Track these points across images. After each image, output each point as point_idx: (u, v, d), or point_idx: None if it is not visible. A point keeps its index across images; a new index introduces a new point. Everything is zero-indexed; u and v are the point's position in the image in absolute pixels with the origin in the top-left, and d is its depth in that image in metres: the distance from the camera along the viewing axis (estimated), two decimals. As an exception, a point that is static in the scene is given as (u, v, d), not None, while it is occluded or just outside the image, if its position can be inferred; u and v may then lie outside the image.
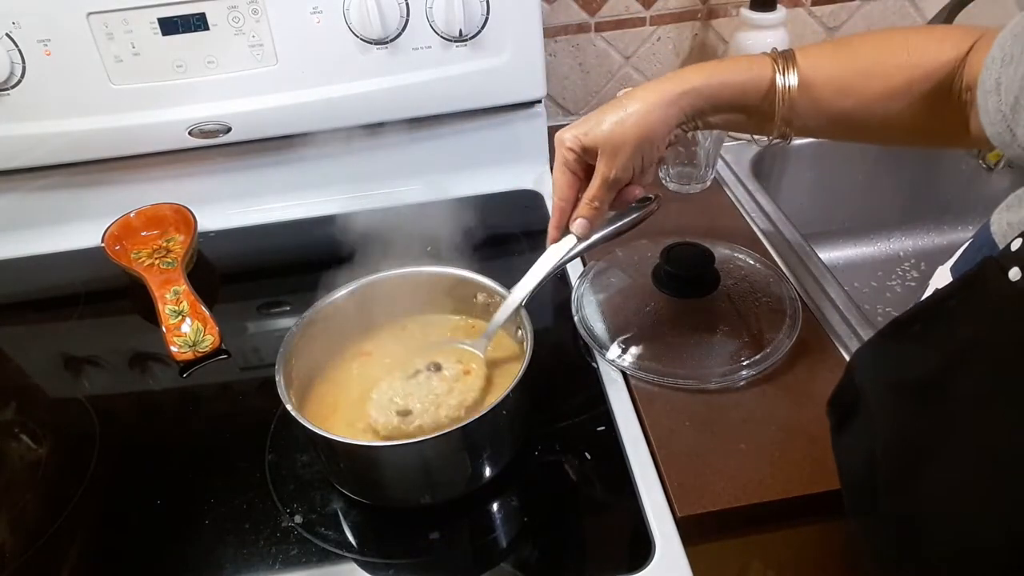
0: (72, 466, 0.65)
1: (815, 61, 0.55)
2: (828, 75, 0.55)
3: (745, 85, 0.56)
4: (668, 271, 0.71)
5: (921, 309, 0.41)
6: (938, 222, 1.11)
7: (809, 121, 0.57)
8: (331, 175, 0.95)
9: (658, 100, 0.57)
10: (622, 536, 0.56)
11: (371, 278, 0.67)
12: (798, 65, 0.55)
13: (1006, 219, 0.42)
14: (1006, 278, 0.34)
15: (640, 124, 0.57)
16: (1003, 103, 0.40)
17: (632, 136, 0.57)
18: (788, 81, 0.54)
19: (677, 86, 0.57)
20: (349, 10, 0.82)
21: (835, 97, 0.55)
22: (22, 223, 0.93)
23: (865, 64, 0.54)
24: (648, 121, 0.57)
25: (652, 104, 0.57)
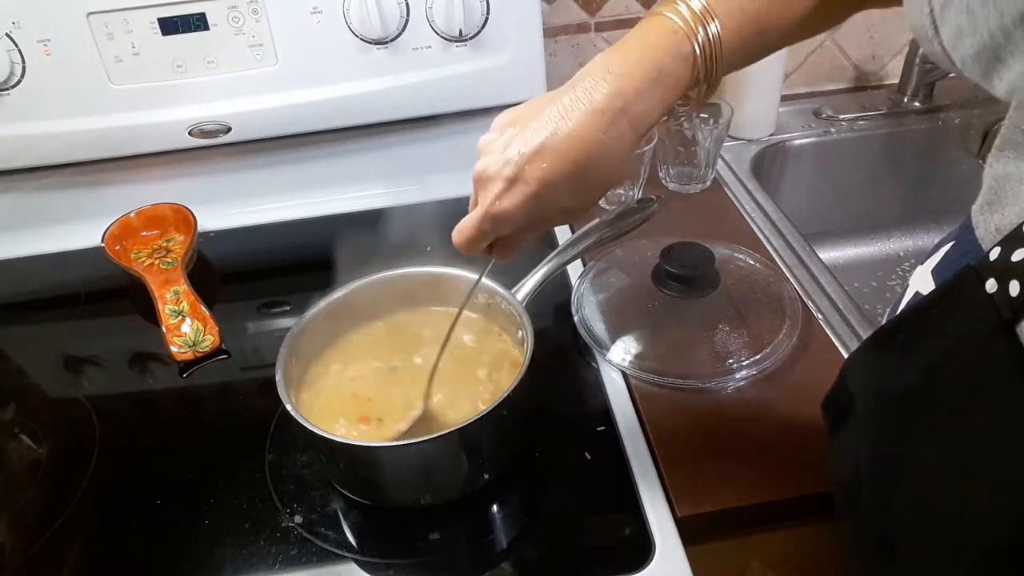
0: (72, 466, 0.65)
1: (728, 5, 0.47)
2: (746, 16, 0.47)
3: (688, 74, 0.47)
4: (668, 271, 0.71)
5: (904, 319, 0.41)
6: (938, 222, 1.11)
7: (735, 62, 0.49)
8: (331, 175, 0.95)
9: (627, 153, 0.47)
10: (622, 536, 0.56)
11: (371, 278, 0.67)
12: (716, 15, 0.46)
13: (993, 223, 0.40)
14: (983, 289, 0.33)
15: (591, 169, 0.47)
16: None
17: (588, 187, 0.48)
18: (711, 32, 0.46)
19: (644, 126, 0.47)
20: (349, 10, 0.82)
21: (759, 36, 0.48)
22: (22, 223, 0.93)
23: None
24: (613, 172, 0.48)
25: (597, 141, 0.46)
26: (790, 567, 0.68)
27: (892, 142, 1.06)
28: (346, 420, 0.61)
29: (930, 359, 0.37)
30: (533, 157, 0.46)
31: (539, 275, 0.66)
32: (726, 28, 0.46)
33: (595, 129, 0.45)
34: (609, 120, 0.45)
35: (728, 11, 0.47)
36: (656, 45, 0.46)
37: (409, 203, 0.94)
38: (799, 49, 1.10)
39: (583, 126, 0.45)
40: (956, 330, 0.36)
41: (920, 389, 0.38)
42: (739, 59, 0.49)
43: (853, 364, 0.45)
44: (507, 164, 0.47)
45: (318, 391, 0.64)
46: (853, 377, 0.45)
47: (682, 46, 0.46)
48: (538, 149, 0.46)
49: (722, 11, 0.46)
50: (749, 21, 0.47)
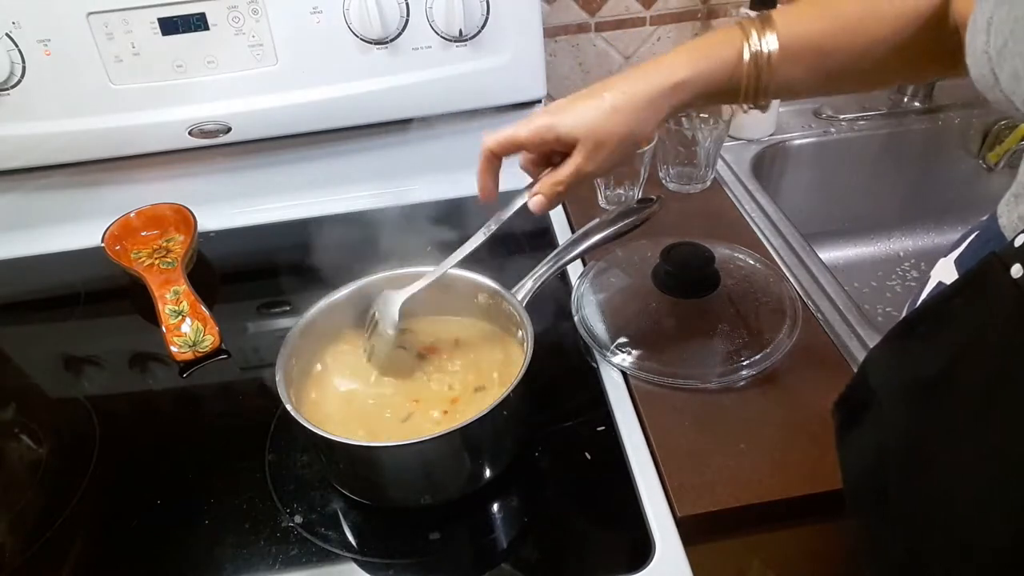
0: (72, 466, 0.65)
1: (795, 21, 0.52)
2: (810, 35, 0.52)
3: (729, 64, 0.53)
4: (668, 271, 0.71)
5: (927, 308, 0.41)
6: (938, 222, 1.11)
7: (794, 83, 0.54)
8: (331, 175, 0.95)
9: (645, 95, 0.54)
10: (622, 536, 0.56)
11: (371, 278, 0.67)
12: (776, 28, 0.52)
13: (1016, 212, 0.41)
14: (1008, 275, 0.34)
15: (627, 120, 0.54)
16: (990, 45, 0.38)
17: (618, 132, 0.54)
18: (768, 47, 0.51)
19: (665, 79, 0.53)
20: (349, 10, 0.82)
21: (820, 57, 0.52)
22: (22, 223, 0.93)
23: (848, 19, 0.51)
24: (635, 117, 0.54)
25: (639, 99, 0.54)
26: (790, 567, 0.68)
27: (892, 142, 1.06)
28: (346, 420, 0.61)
29: (956, 346, 0.38)
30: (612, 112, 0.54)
31: (539, 275, 0.66)
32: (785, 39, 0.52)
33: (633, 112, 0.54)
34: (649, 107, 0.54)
35: (788, 24, 0.52)
36: (712, 33, 0.54)
37: (409, 203, 0.94)
38: (799, 49, 1.10)
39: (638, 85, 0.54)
40: (981, 316, 0.36)
41: (946, 377, 0.38)
42: (801, 75, 0.53)
43: (874, 358, 0.45)
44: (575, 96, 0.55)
45: (318, 391, 0.64)
46: (874, 371, 0.45)
47: (735, 39, 0.52)
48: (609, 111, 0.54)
49: (782, 23, 0.52)
50: (810, 39, 0.52)
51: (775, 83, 0.53)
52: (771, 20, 0.52)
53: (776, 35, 0.51)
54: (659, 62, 0.54)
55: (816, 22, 0.52)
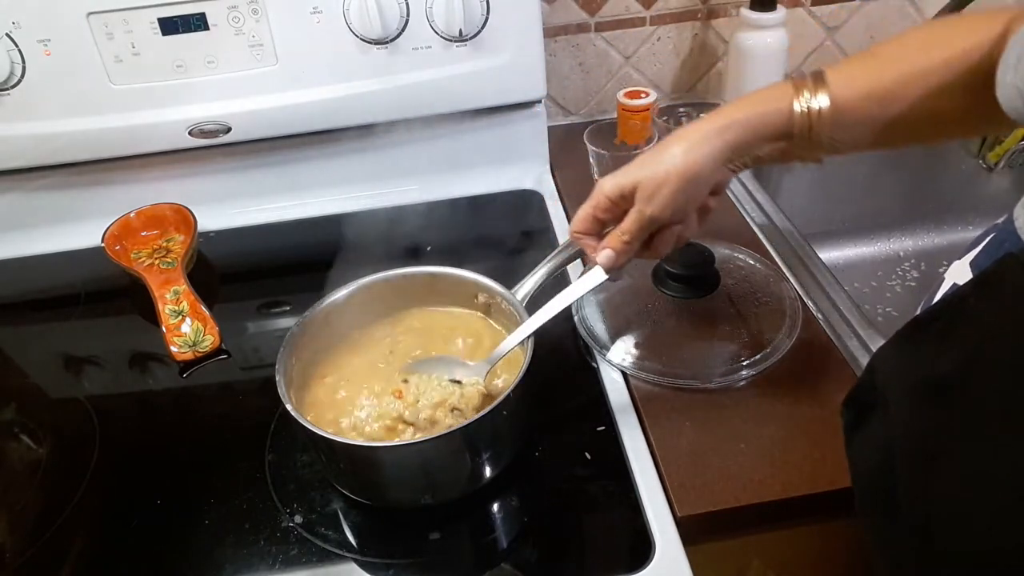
0: (72, 466, 0.65)
1: (846, 77, 0.52)
2: (862, 89, 0.52)
3: (783, 112, 0.53)
4: (668, 271, 0.71)
5: (941, 307, 0.41)
6: (938, 222, 1.11)
7: (853, 138, 0.54)
8: (331, 175, 0.95)
9: (701, 136, 0.54)
10: (622, 536, 0.56)
11: (371, 278, 0.67)
12: (828, 85, 0.52)
13: None
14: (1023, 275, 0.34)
15: (683, 161, 0.54)
16: (1019, 78, 0.39)
17: (674, 173, 0.54)
18: (819, 103, 0.52)
19: (719, 120, 0.54)
20: (349, 10, 0.82)
21: (875, 110, 0.52)
22: (22, 223, 0.93)
23: (899, 70, 0.51)
24: (691, 158, 0.54)
25: (695, 140, 0.54)
26: (790, 567, 0.68)
27: (892, 142, 1.06)
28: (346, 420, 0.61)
29: (971, 345, 0.38)
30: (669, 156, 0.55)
31: (539, 275, 0.66)
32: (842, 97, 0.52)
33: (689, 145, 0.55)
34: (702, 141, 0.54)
35: (840, 80, 0.52)
36: (768, 88, 0.55)
37: (409, 203, 0.94)
38: (799, 49, 1.10)
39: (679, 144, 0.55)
40: (998, 316, 0.37)
41: (960, 376, 0.38)
42: (854, 130, 0.53)
43: (882, 357, 0.46)
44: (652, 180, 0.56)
45: (318, 391, 0.64)
46: (882, 370, 0.45)
47: (787, 94, 0.53)
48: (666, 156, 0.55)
49: (835, 79, 0.52)
50: (861, 93, 0.52)
51: (827, 138, 0.53)
52: (823, 77, 0.52)
53: (828, 93, 0.52)
54: (721, 108, 0.55)
55: (865, 72, 0.52)
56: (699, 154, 0.54)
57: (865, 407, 0.45)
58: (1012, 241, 0.42)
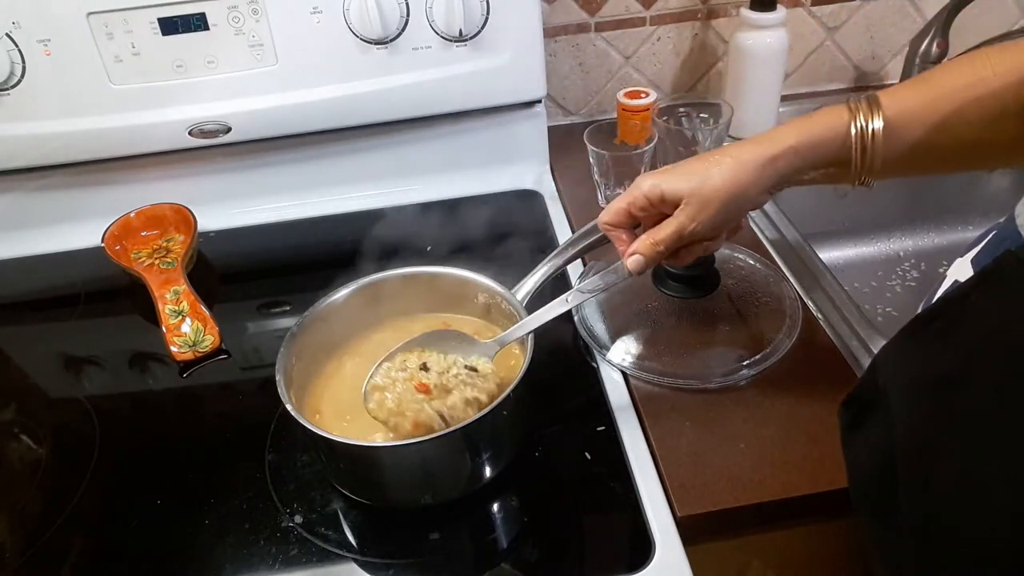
0: (72, 466, 0.65)
1: (900, 101, 0.52)
2: (917, 113, 0.51)
3: (838, 136, 0.52)
4: (668, 271, 0.71)
5: (942, 305, 0.41)
6: (938, 222, 1.11)
7: (907, 162, 0.53)
8: (331, 175, 0.95)
9: (752, 159, 0.53)
10: (622, 536, 0.56)
11: (371, 278, 0.67)
12: (882, 108, 0.52)
13: None
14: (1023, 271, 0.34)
15: (733, 181, 0.53)
16: None
17: (723, 192, 0.54)
18: (873, 124, 0.51)
19: (773, 147, 0.53)
20: (349, 10, 0.82)
21: (930, 134, 0.51)
22: (22, 223, 0.93)
23: (952, 95, 0.51)
24: (741, 180, 0.53)
25: (746, 163, 0.53)
26: (790, 567, 0.68)
27: (892, 142, 1.06)
28: (346, 420, 0.61)
29: (972, 343, 0.38)
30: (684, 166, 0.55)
31: (539, 275, 0.66)
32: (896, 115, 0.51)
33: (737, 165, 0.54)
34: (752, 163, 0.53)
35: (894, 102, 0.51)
36: (816, 120, 0.53)
37: (409, 203, 0.94)
38: (799, 49, 1.10)
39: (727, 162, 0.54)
40: (997, 312, 0.37)
41: (961, 372, 0.38)
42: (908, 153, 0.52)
43: (884, 355, 0.46)
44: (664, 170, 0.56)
45: (318, 390, 0.64)
46: (884, 369, 0.45)
47: (841, 115, 0.52)
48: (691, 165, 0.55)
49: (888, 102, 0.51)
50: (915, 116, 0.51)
51: (881, 161, 0.52)
52: (877, 100, 0.52)
53: (882, 116, 0.51)
54: (769, 132, 0.54)
55: (921, 100, 0.52)
56: (749, 180, 0.53)
57: (866, 406, 0.45)
58: (1013, 239, 0.43)
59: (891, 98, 0.52)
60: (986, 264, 0.38)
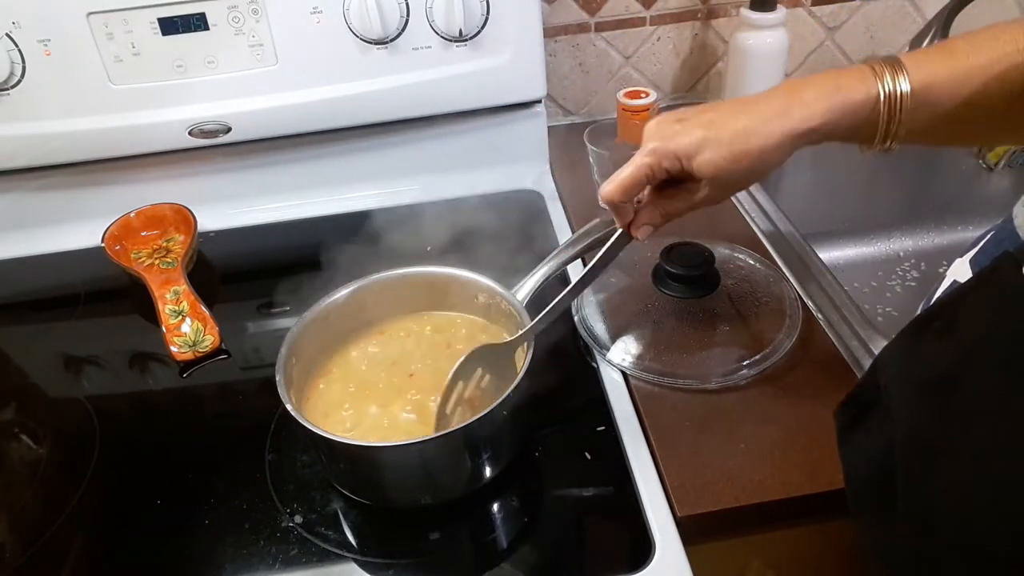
0: (72, 466, 0.65)
1: (924, 65, 0.50)
2: (941, 74, 0.50)
3: (864, 105, 0.51)
4: (668, 271, 0.71)
5: (941, 306, 0.41)
6: (938, 222, 1.11)
7: (931, 127, 0.52)
8: (331, 175, 0.95)
9: (780, 139, 0.51)
10: (622, 536, 0.56)
11: (371, 278, 0.67)
12: (907, 71, 0.50)
13: None
14: (1021, 273, 0.34)
15: (759, 163, 0.51)
16: None
17: (748, 175, 0.52)
18: (900, 87, 0.49)
19: (802, 123, 0.51)
20: (349, 10, 0.82)
21: (949, 100, 0.50)
22: (22, 223, 0.93)
23: (976, 62, 0.49)
24: (766, 160, 0.51)
25: (775, 143, 0.51)
26: (790, 567, 0.68)
27: (892, 142, 1.06)
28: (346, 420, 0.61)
29: (968, 343, 0.38)
30: (701, 119, 0.52)
31: (539, 275, 0.66)
32: (922, 80, 0.49)
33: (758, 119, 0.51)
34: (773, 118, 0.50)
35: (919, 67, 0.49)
36: (843, 81, 0.51)
37: (409, 203, 0.94)
38: (799, 48, 1.10)
39: (747, 116, 0.51)
40: (995, 313, 0.37)
41: (959, 372, 0.38)
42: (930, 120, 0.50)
43: (885, 356, 0.45)
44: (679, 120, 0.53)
45: (318, 390, 0.64)
46: (885, 369, 0.45)
47: (870, 90, 0.49)
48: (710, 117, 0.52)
49: (919, 64, 0.50)
50: (940, 84, 0.49)
51: (905, 127, 0.51)
52: (900, 62, 0.51)
53: (907, 77, 0.50)
54: (796, 95, 0.51)
55: (942, 62, 0.50)
56: (773, 157, 0.51)
57: (866, 406, 0.45)
58: (1011, 240, 0.43)
59: (915, 64, 0.50)
60: (984, 265, 0.38)
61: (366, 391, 0.63)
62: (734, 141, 0.51)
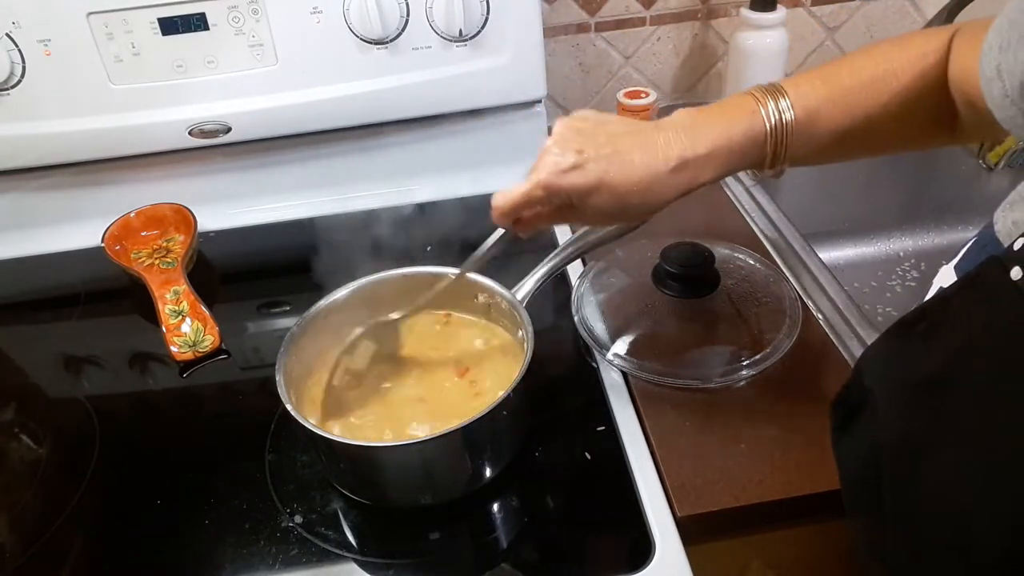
0: (72, 466, 0.65)
1: (804, 90, 0.52)
2: (820, 101, 0.52)
3: (750, 136, 0.52)
4: (668, 271, 0.71)
5: (926, 308, 0.41)
6: (938, 222, 1.11)
7: (807, 150, 0.54)
8: (331, 175, 0.95)
9: (673, 196, 0.52)
10: (622, 536, 0.56)
11: (371, 278, 0.67)
12: (789, 97, 0.52)
13: (1011, 218, 0.42)
14: (1007, 277, 0.35)
15: (645, 212, 0.53)
16: (1008, 88, 0.40)
17: (633, 219, 0.55)
18: (785, 116, 0.51)
19: (694, 181, 0.52)
20: (349, 10, 0.82)
21: (830, 121, 0.52)
22: (22, 223, 0.93)
23: (853, 82, 0.52)
24: (653, 211, 0.53)
25: (666, 199, 0.52)
26: (790, 567, 0.68)
27: (892, 142, 1.06)
28: (346, 420, 0.61)
29: (954, 346, 0.38)
30: (600, 159, 0.51)
31: (539, 275, 0.66)
32: (805, 107, 0.52)
33: (653, 176, 0.51)
34: (668, 174, 0.51)
35: (808, 90, 0.52)
36: (733, 120, 0.52)
37: (409, 203, 0.94)
38: (799, 48, 1.10)
39: (644, 168, 0.51)
40: (980, 317, 0.37)
41: (943, 375, 0.38)
42: (816, 140, 0.53)
43: (870, 357, 0.46)
44: (578, 153, 0.51)
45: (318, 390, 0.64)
46: (869, 370, 0.45)
47: (755, 125, 0.52)
48: (608, 157, 0.51)
49: (801, 91, 0.52)
50: (822, 103, 0.52)
51: (794, 150, 0.53)
52: (780, 88, 0.52)
53: (790, 102, 0.51)
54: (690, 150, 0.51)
55: (822, 85, 0.52)
56: (656, 194, 0.52)
57: (853, 407, 0.46)
58: (993, 245, 0.43)
59: (796, 91, 0.52)
60: (969, 269, 0.39)
61: (366, 391, 0.63)
62: (627, 193, 0.51)
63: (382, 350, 0.66)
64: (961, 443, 0.37)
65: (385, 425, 0.60)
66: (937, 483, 0.38)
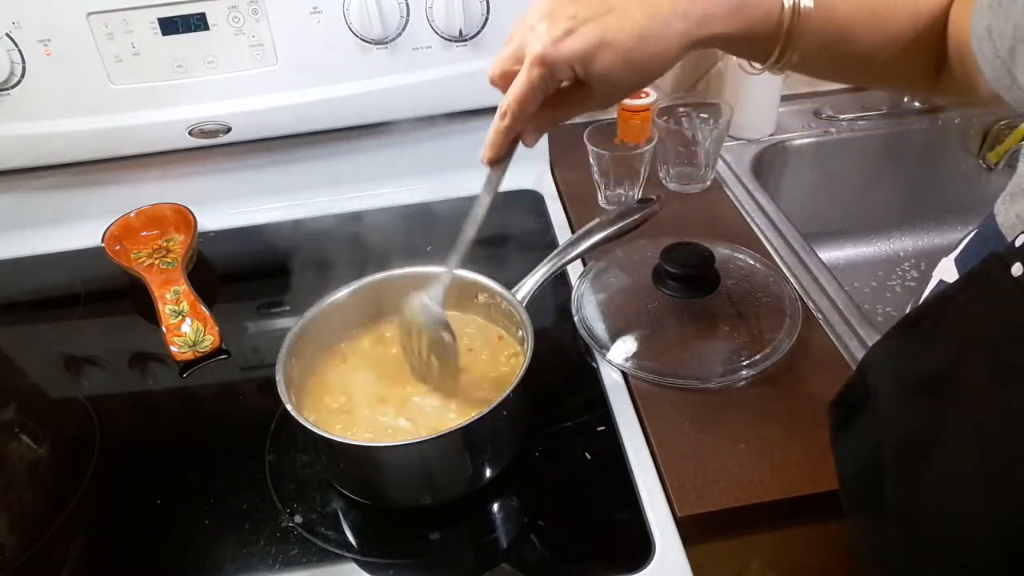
0: (72, 466, 0.65)
1: None
2: (839, 13, 0.50)
3: (767, 18, 0.49)
4: (668, 271, 0.71)
5: (928, 306, 0.41)
6: (938, 222, 1.11)
7: (811, 52, 0.51)
8: (331, 175, 0.95)
9: (680, 46, 0.48)
10: (622, 536, 0.56)
11: (371, 278, 0.67)
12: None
13: (1014, 211, 0.42)
14: (1009, 273, 0.35)
15: (655, 69, 0.48)
16: (999, 48, 0.39)
17: (642, 81, 0.49)
18: (803, 2, 0.48)
19: (701, 28, 0.48)
20: (349, 10, 0.82)
21: (842, 34, 0.50)
22: (22, 223, 0.93)
23: (876, 4, 0.50)
24: (663, 66, 0.48)
25: (675, 51, 0.48)
26: (790, 567, 0.68)
27: (892, 142, 1.06)
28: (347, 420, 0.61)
29: (956, 343, 0.38)
30: (597, 18, 0.46)
31: (539, 275, 0.66)
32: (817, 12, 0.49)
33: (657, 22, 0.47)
34: (673, 17, 0.47)
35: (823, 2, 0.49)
36: None
37: (409, 203, 0.94)
38: (799, 49, 1.09)
39: (646, 17, 0.46)
40: (982, 314, 0.37)
41: (947, 374, 0.38)
42: (822, 50, 0.51)
43: (873, 356, 0.46)
44: (570, 18, 0.47)
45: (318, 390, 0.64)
46: (872, 369, 0.45)
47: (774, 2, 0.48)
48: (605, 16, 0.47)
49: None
50: (838, 19, 0.50)
51: (801, 49, 0.50)
52: None
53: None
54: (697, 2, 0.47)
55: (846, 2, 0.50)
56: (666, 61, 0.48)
57: (855, 405, 0.46)
58: (995, 237, 0.43)
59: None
60: (972, 266, 0.38)
61: (367, 391, 0.63)
62: (632, 48, 0.47)
63: None
64: (962, 441, 0.37)
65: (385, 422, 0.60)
66: (938, 482, 0.38)
